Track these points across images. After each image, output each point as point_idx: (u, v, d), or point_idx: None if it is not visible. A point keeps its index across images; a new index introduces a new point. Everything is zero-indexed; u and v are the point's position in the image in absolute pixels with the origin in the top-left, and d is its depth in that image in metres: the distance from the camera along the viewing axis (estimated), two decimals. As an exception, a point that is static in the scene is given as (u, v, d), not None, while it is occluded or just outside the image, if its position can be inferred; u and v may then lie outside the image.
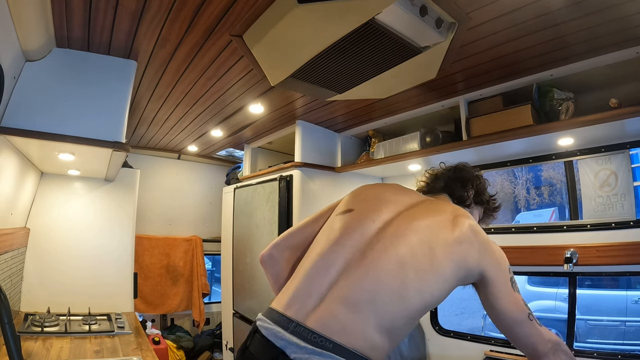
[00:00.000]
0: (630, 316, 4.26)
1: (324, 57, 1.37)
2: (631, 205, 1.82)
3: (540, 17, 1.30)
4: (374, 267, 0.80)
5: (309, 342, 0.71)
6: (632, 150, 1.85)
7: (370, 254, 0.83)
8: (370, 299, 0.77)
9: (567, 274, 2.02)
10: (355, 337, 0.73)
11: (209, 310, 3.70)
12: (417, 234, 0.87)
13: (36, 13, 1.24)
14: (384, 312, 0.77)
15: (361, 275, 0.80)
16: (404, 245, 0.84)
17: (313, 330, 0.72)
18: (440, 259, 0.84)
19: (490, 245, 0.92)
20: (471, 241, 0.88)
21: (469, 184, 1.19)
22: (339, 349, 0.71)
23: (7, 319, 0.91)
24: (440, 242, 0.86)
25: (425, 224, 0.89)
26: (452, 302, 8.26)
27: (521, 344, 0.88)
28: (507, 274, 0.90)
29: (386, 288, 0.78)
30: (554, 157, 2.10)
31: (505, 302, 0.87)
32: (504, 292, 0.88)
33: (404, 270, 0.81)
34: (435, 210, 0.95)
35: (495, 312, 0.89)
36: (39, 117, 1.47)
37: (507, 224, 2.34)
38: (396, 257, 0.82)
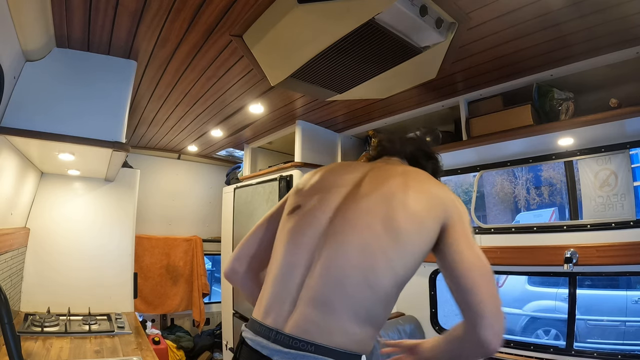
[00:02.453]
0: (630, 316, 4.26)
1: (324, 57, 1.37)
2: (631, 205, 1.82)
3: (540, 17, 1.30)
4: (334, 262, 0.79)
5: (291, 348, 0.73)
6: (632, 150, 1.85)
7: (327, 248, 0.81)
8: (339, 295, 0.76)
9: (567, 274, 2.02)
10: (334, 335, 0.74)
11: (209, 310, 3.70)
12: (370, 212, 0.82)
13: (36, 13, 1.24)
14: (357, 305, 0.76)
15: (324, 274, 0.78)
16: (359, 230, 0.81)
17: (292, 336, 0.74)
18: (401, 228, 0.79)
19: (449, 195, 0.88)
20: (428, 197, 0.84)
21: (430, 161, 1.14)
22: (321, 349, 0.72)
23: (7, 319, 0.91)
24: (397, 210, 0.81)
25: (376, 198, 0.84)
26: (452, 302, 8.23)
27: (488, 298, 0.76)
28: (469, 227, 0.86)
29: (351, 280, 0.77)
30: (554, 157, 2.10)
31: (468, 250, 0.81)
32: (466, 241, 0.82)
33: (365, 255, 0.78)
34: (384, 178, 0.89)
35: (456, 262, 0.79)
36: (39, 117, 1.47)
37: (507, 224, 2.34)
38: (354, 245, 0.79)
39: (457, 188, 15.03)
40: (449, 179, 15.02)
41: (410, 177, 0.90)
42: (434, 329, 2.58)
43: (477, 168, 2.45)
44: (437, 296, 2.62)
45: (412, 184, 0.87)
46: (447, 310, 7.82)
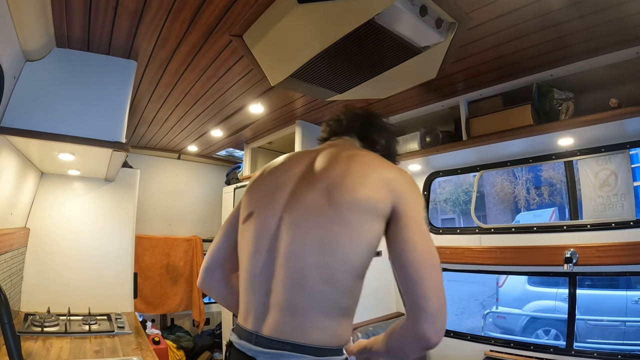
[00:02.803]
0: (630, 316, 4.26)
1: (324, 57, 1.37)
2: (631, 205, 1.82)
3: (540, 17, 1.30)
4: (292, 265, 0.80)
5: (271, 348, 0.77)
6: (632, 150, 1.85)
7: (283, 252, 0.82)
8: (303, 297, 0.78)
9: (567, 274, 2.02)
10: (308, 333, 0.77)
11: (209, 310, 3.70)
12: (315, 208, 0.81)
13: (36, 13, 1.24)
14: (322, 302, 0.78)
15: (285, 279, 0.80)
16: (307, 229, 0.80)
17: (270, 338, 0.78)
18: (348, 220, 0.78)
19: (399, 177, 0.85)
20: (373, 182, 0.81)
21: (384, 133, 1.10)
22: (297, 347, 0.76)
23: (7, 319, 0.91)
24: (341, 202, 0.79)
25: (320, 192, 0.83)
26: (452, 302, 8.26)
27: (431, 289, 0.75)
28: (421, 212, 0.82)
29: (310, 280, 0.78)
30: (554, 157, 2.10)
31: (418, 236, 0.78)
32: (417, 229, 0.79)
33: (317, 254, 0.78)
34: (327, 168, 0.87)
35: (405, 250, 0.77)
36: (39, 117, 1.47)
37: (507, 224, 2.34)
38: (305, 245, 0.79)
39: (457, 188, 15.09)
40: (449, 179, 14.90)
41: (354, 161, 0.86)
42: (434, 329, 2.58)
43: (477, 168, 2.45)
44: (437, 296, 2.62)
45: (355, 169, 0.84)
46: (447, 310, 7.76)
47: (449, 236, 2.56)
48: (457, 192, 15.12)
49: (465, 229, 2.54)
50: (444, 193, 15.48)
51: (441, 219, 15.50)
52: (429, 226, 2.70)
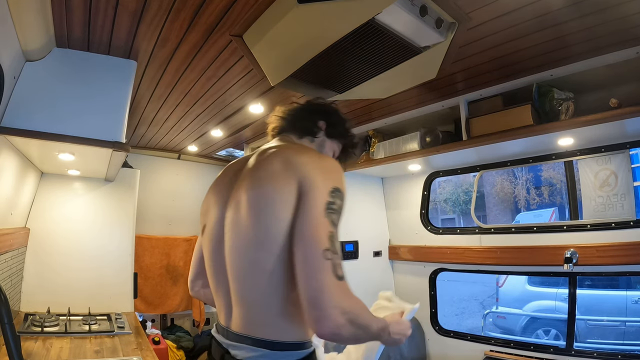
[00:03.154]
0: (630, 316, 4.26)
1: (324, 57, 1.37)
2: (631, 205, 1.82)
3: (540, 17, 1.30)
4: (235, 265, 0.87)
5: (237, 342, 0.85)
6: (632, 150, 1.85)
7: (228, 254, 0.88)
8: (251, 293, 0.84)
9: (567, 274, 2.02)
10: (262, 327, 0.83)
11: (209, 310, 3.69)
12: (237, 214, 0.86)
13: (36, 13, 1.24)
14: (267, 297, 0.83)
15: (234, 278, 0.87)
16: (240, 228, 0.85)
17: (236, 333, 0.86)
18: (265, 211, 0.81)
19: (307, 161, 0.83)
20: (277, 172, 0.83)
21: (318, 115, 1.09)
22: (255, 341, 0.83)
23: (7, 319, 0.91)
24: (256, 193, 0.83)
25: (243, 190, 0.87)
26: (452, 302, 8.27)
27: (303, 284, 0.74)
28: (324, 195, 0.79)
29: (253, 277, 0.83)
30: (554, 157, 2.10)
31: (307, 224, 0.76)
32: (311, 217, 0.76)
33: (253, 250, 0.82)
34: (250, 167, 0.91)
35: (294, 235, 0.77)
36: (39, 117, 1.47)
37: (507, 224, 2.34)
38: (242, 244, 0.85)
39: (457, 188, 15.10)
40: (449, 179, 14.91)
41: (265, 157, 0.90)
42: (434, 329, 2.58)
43: (477, 168, 2.45)
44: (437, 296, 2.63)
45: (264, 164, 0.88)
46: (447, 310, 7.76)
47: (449, 236, 2.56)
48: (457, 192, 15.12)
49: (465, 229, 2.54)
50: (444, 193, 15.49)
51: (441, 219, 15.51)
52: (429, 226, 2.70)
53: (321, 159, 0.87)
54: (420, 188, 2.76)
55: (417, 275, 2.71)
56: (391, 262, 2.92)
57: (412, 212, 2.80)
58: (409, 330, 0.97)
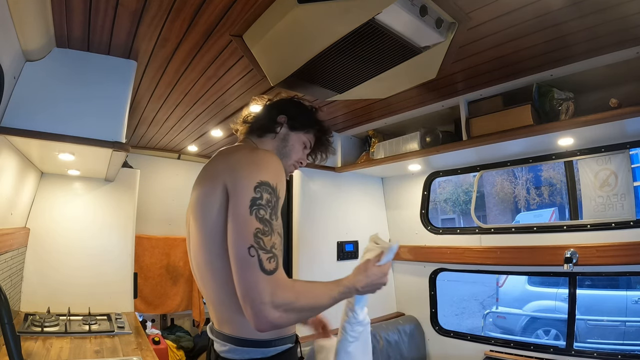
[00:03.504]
0: (630, 316, 4.26)
1: (324, 57, 1.37)
2: (631, 205, 1.82)
3: (540, 17, 1.30)
4: (195, 268, 0.95)
5: (215, 336, 0.95)
6: (632, 150, 1.85)
7: (192, 264, 0.97)
8: (210, 293, 0.92)
9: (567, 274, 2.02)
10: (226, 324, 0.91)
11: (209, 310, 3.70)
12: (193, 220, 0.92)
13: (36, 13, 1.24)
14: (219, 295, 0.90)
15: (200, 285, 0.96)
16: (194, 232, 0.92)
17: (215, 330, 0.95)
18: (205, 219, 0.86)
19: (232, 164, 0.86)
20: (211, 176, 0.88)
21: (276, 110, 1.11)
22: (226, 337, 0.91)
23: (7, 319, 0.91)
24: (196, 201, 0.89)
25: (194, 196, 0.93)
26: (452, 302, 8.27)
27: (236, 283, 0.76)
28: (248, 192, 0.79)
29: (206, 278, 0.91)
30: (554, 157, 2.10)
31: (232, 225, 0.78)
32: (233, 218, 0.78)
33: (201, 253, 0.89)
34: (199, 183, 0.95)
35: (228, 239, 0.80)
36: (39, 117, 1.47)
37: (507, 224, 2.34)
38: (195, 248, 0.91)
39: (457, 188, 15.10)
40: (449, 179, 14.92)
41: (209, 165, 0.95)
42: (434, 329, 2.58)
43: (477, 168, 2.45)
44: (437, 296, 2.63)
45: (204, 173, 0.94)
46: (447, 310, 7.76)
47: (449, 236, 2.56)
48: (457, 192, 15.12)
49: (465, 229, 2.54)
50: (444, 193, 15.49)
51: (441, 219, 15.51)
52: (429, 226, 2.70)
53: (249, 155, 0.87)
54: (420, 188, 2.75)
55: (417, 275, 2.71)
56: (391, 262, 2.91)
57: (412, 212, 2.80)
58: (383, 278, 0.99)
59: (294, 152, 1.12)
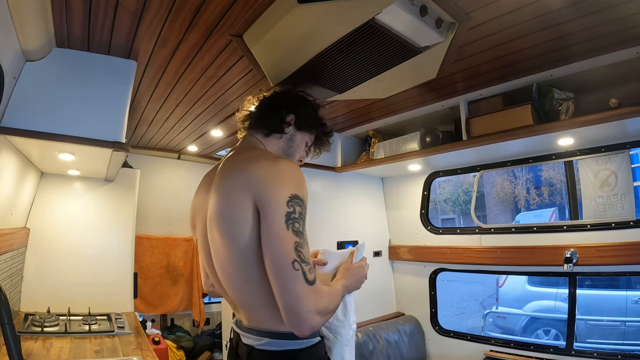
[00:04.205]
0: (630, 316, 4.26)
1: (323, 57, 1.37)
2: (631, 205, 1.82)
3: (540, 17, 1.30)
4: (220, 273, 0.96)
5: (245, 331, 0.98)
6: (632, 150, 1.85)
7: (215, 263, 0.97)
8: (239, 295, 0.95)
9: (567, 274, 2.02)
10: (263, 322, 0.93)
11: (209, 310, 3.70)
12: (211, 229, 0.93)
13: (36, 13, 1.24)
14: (248, 296, 0.93)
15: (229, 293, 0.97)
16: (215, 240, 0.92)
17: (245, 326, 0.98)
18: (229, 229, 0.87)
19: (262, 173, 0.85)
20: (234, 186, 0.87)
21: (283, 109, 1.08)
22: (260, 332, 0.94)
23: (7, 319, 0.91)
24: (219, 213, 0.89)
25: (209, 213, 0.94)
26: (452, 302, 8.27)
27: (279, 296, 0.79)
28: (282, 207, 0.81)
29: (233, 281, 0.93)
30: (554, 157, 2.10)
31: (271, 240, 0.80)
32: (272, 230, 0.80)
33: (226, 260, 0.91)
34: (215, 185, 0.95)
35: (263, 251, 0.82)
36: (39, 117, 1.47)
37: (507, 224, 2.34)
38: (220, 255, 0.93)
39: (457, 188, 15.10)
40: (449, 179, 14.91)
41: (225, 176, 0.93)
42: (434, 329, 2.58)
43: (477, 168, 2.45)
44: (437, 296, 2.63)
45: (224, 183, 0.91)
46: (447, 310, 7.75)
47: (449, 236, 2.56)
48: (457, 192, 15.12)
49: (465, 229, 2.54)
50: (444, 193, 15.48)
51: (441, 219, 15.50)
52: (429, 226, 2.70)
53: (274, 167, 0.87)
54: (420, 188, 2.76)
55: (417, 275, 2.71)
56: (391, 262, 2.92)
57: (412, 212, 2.80)
58: (362, 271, 1.05)
59: (297, 151, 1.13)
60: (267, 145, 1.08)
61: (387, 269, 2.91)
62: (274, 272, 0.80)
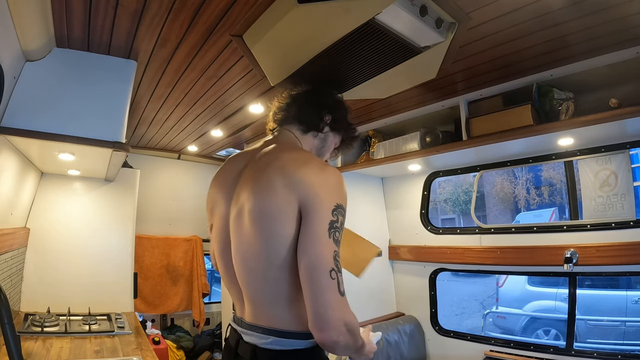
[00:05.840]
0: (630, 316, 4.26)
1: (324, 57, 1.37)
2: (631, 205, 1.82)
3: (540, 17, 1.30)
4: (240, 267, 0.92)
5: (249, 329, 0.93)
6: (632, 150, 1.85)
7: (234, 255, 0.93)
8: (255, 290, 0.91)
9: (567, 274, 2.02)
10: (270, 319, 0.90)
11: (209, 310, 3.70)
12: (239, 220, 0.90)
13: (36, 13, 1.24)
14: (267, 293, 0.89)
15: (241, 277, 0.93)
16: (242, 233, 0.90)
17: (249, 323, 0.94)
18: (263, 224, 0.84)
19: (308, 177, 0.84)
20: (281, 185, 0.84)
21: (325, 110, 1.08)
22: (266, 330, 0.90)
23: (7, 319, 0.91)
24: (256, 207, 0.86)
25: (244, 197, 0.90)
26: (452, 302, 8.27)
27: (310, 300, 0.78)
28: (327, 215, 0.81)
29: (254, 276, 0.89)
30: (554, 157, 2.10)
31: (312, 245, 0.79)
32: (313, 235, 0.79)
33: (251, 254, 0.88)
34: (250, 175, 0.93)
35: (299, 254, 0.80)
36: (39, 117, 1.47)
37: (507, 224, 2.34)
38: (244, 249, 0.90)
39: (457, 188, 15.09)
40: (449, 179, 14.92)
41: (265, 170, 0.89)
42: (434, 329, 2.58)
43: (477, 168, 2.45)
44: (437, 296, 2.63)
45: (264, 178, 0.88)
46: (447, 310, 7.75)
47: (449, 236, 2.56)
48: (457, 192, 15.12)
49: (465, 229, 2.54)
50: (444, 193, 15.48)
51: (441, 219, 15.50)
52: (429, 226, 2.70)
53: (322, 172, 0.86)
54: (420, 188, 2.75)
55: (417, 275, 2.71)
56: (391, 262, 2.92)
57: (412, 212, 2.80)
58: (374, 348, 1.03)
59: (327, 152, 1.13)
60: (303, 142, 1.06)
61: (387, 268, 2.91)
62: (310, 277, 0.78)
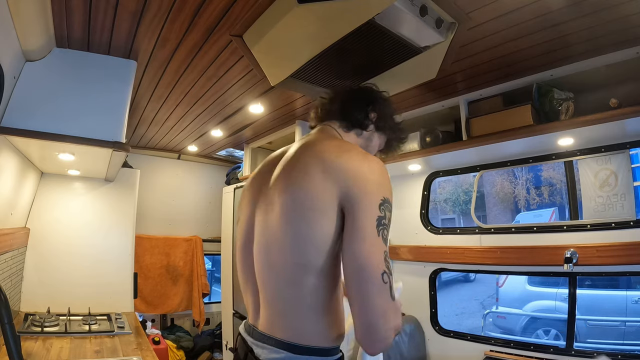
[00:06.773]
0: (630, 316, 4.26)
1: (324, 57, 1.37)
2: (631, 205, 1.82)
3: (540, 17, 1.30)
4: (261, 268, 0.84)
5: (261, 341, 0.83)
6: (632, 150, 1.85)
7: (256, 255, 0.86)
8: (276, 296, 0.82)
9: (567, 274, 2.02)
10: (286, 330, 0.80)
11: (209, 310, 3.70)
12: (272, 209, 0.82)
13: (36, 13, 1.24)
14: (290, 301, 0.80)
15: (261, 279, 0.85)
16: (269, 231, 0.82)
17: (261, 333, 0.84)
18: (296, 217, 0.76)
19: (353, 168, 0.75)
20: (319, 172, 0.76)
21: (369, 106, 1.00)
22: (279, 343, 0.80)
23: (7, 319, 0.91)
24: (289, 198, 0.78)
25: (276, 192, 0.82)
26: (452, 302, 8.26)
27: (359, 308, 0.71)
28: (374, 210, 0.73)
29: (278, 280, 0.81)
30: (554, 157, 2.10)
31: (360, 245, 0.70)
32: (360, 233, 0.71)
33: (279, 255, 0.79)
34: (285, 165, 0.85)
35: (345, 255, 0.72)
36: (39, 117, 1.47)
37: (507, 224, 2.34)
38: (269, 247, 0.82)
39: (457, 188, 15.08)
40: (449, 179, 14.94)
41: (302, 157, 0.82)
42: (434, 329, 2.58)
43: (477, 168, 2.45)
44: (437, 296, 2.63)
45: (300, 165, 0.80)
46: (447, 310, 7.76)
47: (449, 236, 2.56)
48: (457, 192, 15.11)
49: (465, 229, 2.54)
50: (444, 193, 15.47)
51: (441, 219, 15.49)
52: (429, 226, 2.70)
53: (366, 162, 0.78)
54: (420, 188, 2.75)
55: (417, 275, 2.70)
56: (391, 262, 2.92)
57: (412, 212, 2.80)
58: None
59: (372, 152, 1.04)
60: (346, 139, 0.98)
61: (387, 269, 2.91)
62: (360, 282, 0.70)
